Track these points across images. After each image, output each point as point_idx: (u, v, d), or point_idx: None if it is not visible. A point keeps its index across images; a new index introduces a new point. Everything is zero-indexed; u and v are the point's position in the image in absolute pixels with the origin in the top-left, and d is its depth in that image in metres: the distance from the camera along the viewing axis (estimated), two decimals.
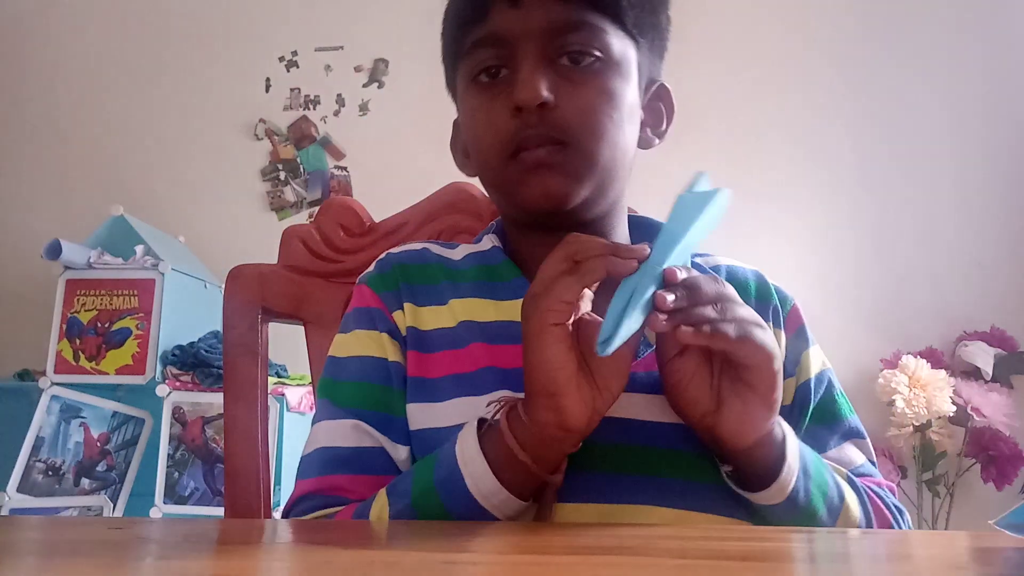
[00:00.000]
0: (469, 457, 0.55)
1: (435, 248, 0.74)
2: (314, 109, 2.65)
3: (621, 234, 0.71)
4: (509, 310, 0.66)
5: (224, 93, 2.65)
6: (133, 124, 2.66)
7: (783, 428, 0.58)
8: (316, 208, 1.88)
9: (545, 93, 0.61)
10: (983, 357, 2.21)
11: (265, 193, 2.63)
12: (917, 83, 2.46)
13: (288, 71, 2.66)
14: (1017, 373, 2.25)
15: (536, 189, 0.63)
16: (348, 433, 0.65)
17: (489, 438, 0.56)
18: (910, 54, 2.48)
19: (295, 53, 2.66)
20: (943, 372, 2.15)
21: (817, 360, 0.71)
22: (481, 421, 0.58)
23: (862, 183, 2.44)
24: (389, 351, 0.67)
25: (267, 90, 2.66)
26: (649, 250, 0.54)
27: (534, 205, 0.65)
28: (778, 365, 0.54)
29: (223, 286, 0.91)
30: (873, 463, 0.70)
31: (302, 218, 2.58)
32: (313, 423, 0.68)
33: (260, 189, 2.63)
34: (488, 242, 0.73)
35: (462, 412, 0.61)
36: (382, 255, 0.74)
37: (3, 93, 2.72)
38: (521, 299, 0.59)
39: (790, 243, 2.39)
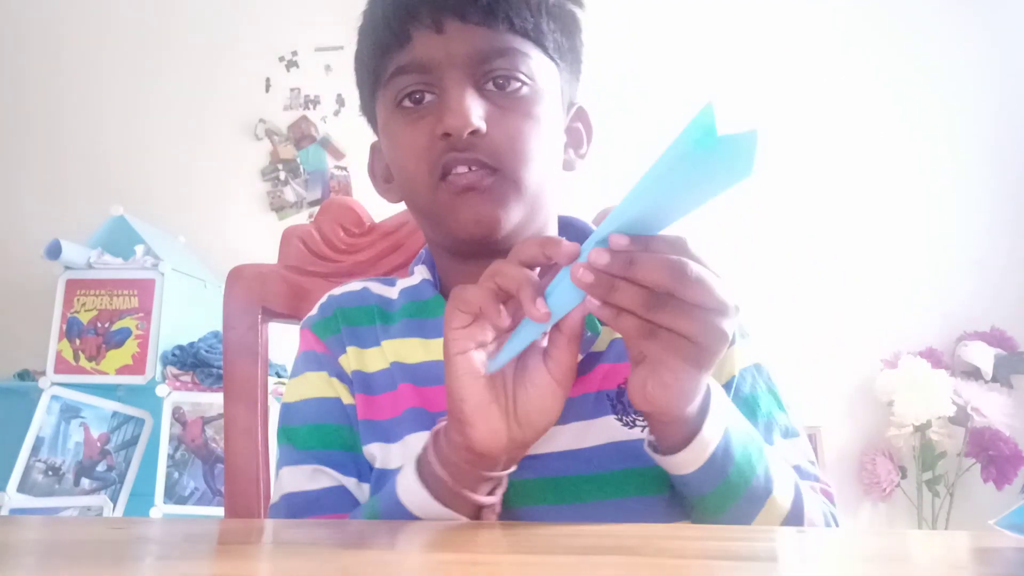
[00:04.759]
0: (409, 489, 0.56)
1: (375, 287, 0.74)
2: (314, 109, 2.65)
3: None
4: (437, 349, 0.66)
5: (224, 93, 2.65)
6: (133, 124, 2.66)
7: (710, 398, 0.54)
8: (316, 208, 1.88)
9: (476, 121, 0.61)
10: (983, 357, 2.21)
11: (265, 193, 2.63)
12: (917, 83, 2.46)
13: (288, 71, 2.66)
14: (1017, 373, 2.25)
15: (467, 215, 0.62)
16: (311, 476, 0.66)
17: (423, 465, 0.56)
18: (909, 54, 2.48)
19: (295, 53, 2.66)
20: (943, 372, 2.15)
21: (744, 356, 0.68)
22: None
23: (862, 183, 2.44)
24: (342, 393, 0.68)
25: (267, 90, 2.66)
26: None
27: (465, 232, 0.63)
28: (699, 358, 0.49)
29: (223, 286, 0.91)
30: (812, 463, 0.67)
31: (302, 218, 2.58)
32: (277, 469, 0.69)
33: (260, 189, 2.63)
34: (418, 275, 0.72)
35: (404, 454, 0.63)
36: (324, 298, 0.74)
37: (3, 93, 2.72)
38: None
39: (789, 243, 2.39)
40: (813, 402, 2.24)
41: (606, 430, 0.63)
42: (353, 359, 0.69)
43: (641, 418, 0.63)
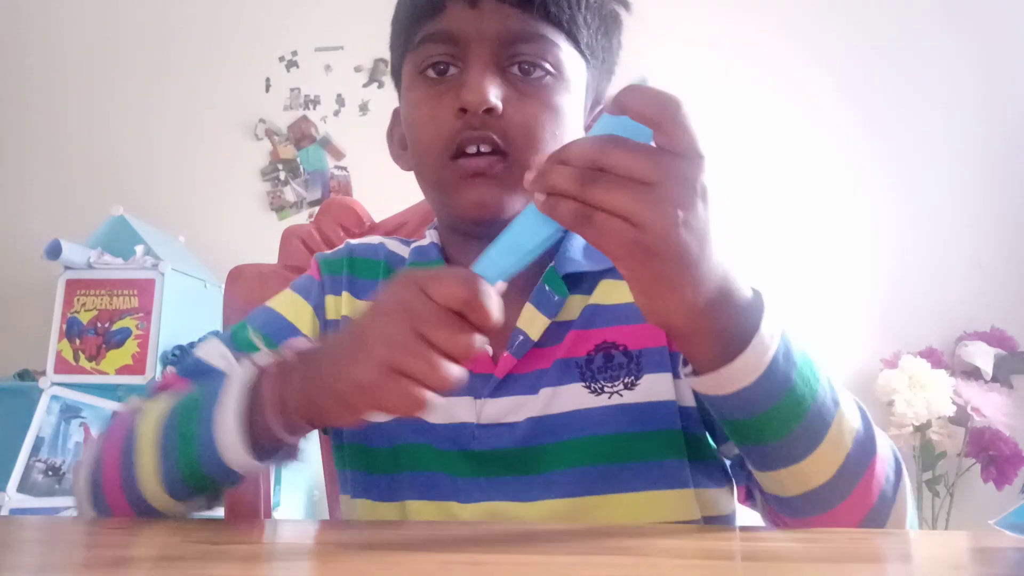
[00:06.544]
0: (229, 432, 0.52)
1: (391, 244, 0.76)
2: (314, 109, 2.65)
3: None
4: None
5: (224, 93, 2.65)
6: (133, 124, 2.66)
7: (761, 304, 0.49)
8: (316, 208, 1.88)
9: (493, 99, 0.61)
10: (983, 357, 2.21)
11: (265, 193, 2.63)
12: (914, 82, 2.46)
13: (288, 71, 2.66)
14: (1017, 373, 2.25)
15: (471, 197, 0.63)
16: (218, 355, 0.67)
17: (255, 400, 0.53)
18: (905, 53, 2.48)
19: (295, 53, 2.66)
20: (943, 372, 2.15)
21: None
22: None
23: (861, 183, 2.44)
24: (305, 323, 0.70)
25: (267, 90, 2.66)
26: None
27: (465, 212, 0.65)
28: (643, 242, 0.44)
29: (223, 286, 0.91)
30: None
31: (302, 218, 2.58)
32: (211, 336, 0.72)
33: (260, 189, 2.63)
34: (428, 237, 0.74)
35: None
36: (344, 243, 0.77)
37: (3, 94, 2.72)
38: None
39: (790, 243, 2.39)
40: None
41: (573, 397, 0.63)
42: (346, 305, 0.71)
43: (609, 384, 0.63)
